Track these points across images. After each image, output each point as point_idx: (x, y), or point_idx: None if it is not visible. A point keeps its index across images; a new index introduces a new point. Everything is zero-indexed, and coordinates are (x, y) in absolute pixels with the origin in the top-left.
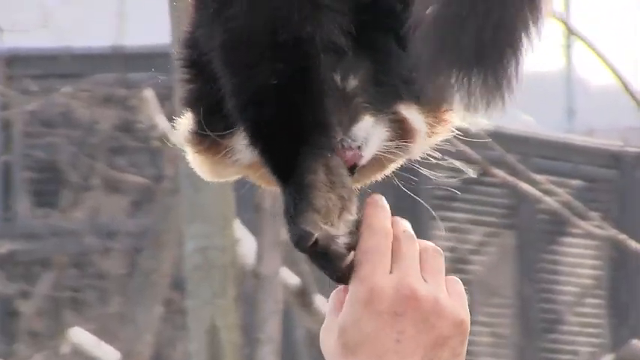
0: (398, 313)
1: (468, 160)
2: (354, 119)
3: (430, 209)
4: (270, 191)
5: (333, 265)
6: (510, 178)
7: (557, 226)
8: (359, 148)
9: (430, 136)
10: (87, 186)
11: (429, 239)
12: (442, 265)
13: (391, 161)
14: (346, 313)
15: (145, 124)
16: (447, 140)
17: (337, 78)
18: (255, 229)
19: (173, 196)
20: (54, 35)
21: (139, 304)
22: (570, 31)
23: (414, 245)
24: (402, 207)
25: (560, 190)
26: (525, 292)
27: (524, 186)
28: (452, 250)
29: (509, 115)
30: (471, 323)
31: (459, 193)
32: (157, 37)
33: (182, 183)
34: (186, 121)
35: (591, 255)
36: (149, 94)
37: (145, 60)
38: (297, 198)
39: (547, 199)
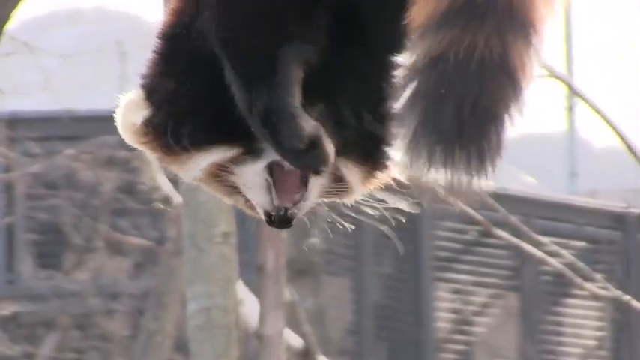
0: None
1: (471, 221)
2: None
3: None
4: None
5: (320, 157)
6: (514, 240)
7: (560, 287)
8: (305, 202)
9: (363, 187)
10: (90, 247)
11: (432, 301)
12: None
13: (350, 191)
14: None
15: (148, 186)
16: (449, 201)
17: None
18: (257, 290)
19: (176, 258)
20: (56, 98)
21: None
22: (573, 93)
23: None
24: (403, 269)
25: (563, 252)
26: (529, 353)
27: (528, 247)
28: (455, 311)
29: (512, 177)
30: None
31: (462, 254)
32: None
33: (185, 244)
34: (134, 101)
35: (595, 316)
36: (151, 156)
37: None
38: (284, 95)
39: (550, 260)
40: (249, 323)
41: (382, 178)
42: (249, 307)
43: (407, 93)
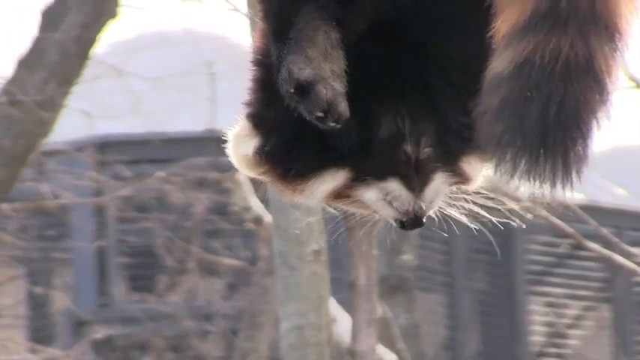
0: None
1: (563, 235)
2: (425, 183)
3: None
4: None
5: (314, 102)
6: (605, 252)
7: None
8: (429, 205)
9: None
10: (182, 269)
11: (526, 315)
12: None
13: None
14: None
15: (239, 206)
16: (540, 214)
17: (407, 148)
18: (349, 307)
19: (268, 277)
20: (145, 120)
21: None
22: None
23: None
24: (497, 284)
25: None
26: None
27: (619, 259)
28: (549, 324)
29: (602, 189)
30: None
31: (554, 268)
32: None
33: (276, 263)
34: (242, 132)
35: None
36: (242, 176)
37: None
38: (294, 46)
39: None
40: (342, 341)
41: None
42: (342, 324)
43: (494, 102)
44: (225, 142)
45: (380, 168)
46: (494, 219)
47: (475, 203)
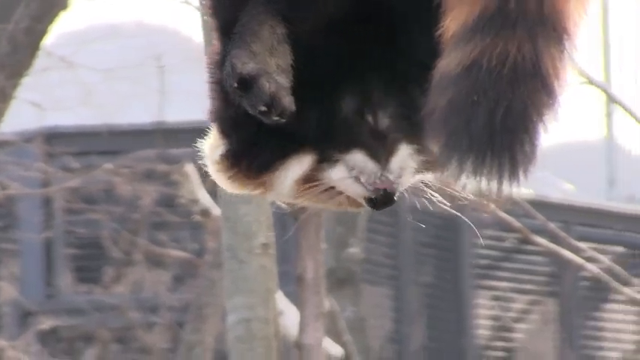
0: None
1: (510, 229)
2: (390, 153)
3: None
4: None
5: (257, 96)
6: (552, 246)
7: (599, 293)
8: (397, 179)
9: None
10: (129, 261)
11: (472, 308)
12: None
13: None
14: None
15: (187, 199)
16: (487, 208)
17: (369, 117)
18: (297, 300)
19: (215, 270)
20: (95, 112)
21: None
22: (611, 100)
23: None
24: (444, 277)
25: (602, 257)
26: (568, 359)
27: (567, 253)
28: (495, 318)
29: (550, 184)
30: None
31: (501, 262)
32: (198, 113)
33: (224, 256)
34: (213, 141)
35: (634, 320)
36: (190, 168)
37: (186, 135)
38: (238, 41)
39: (589, 266)
40: (289, 334)
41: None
42: (290, 317)
43: (441, 103)
44: (174, 134)
45: (344, 142)
46: (449, 207)
47: (433, 190)
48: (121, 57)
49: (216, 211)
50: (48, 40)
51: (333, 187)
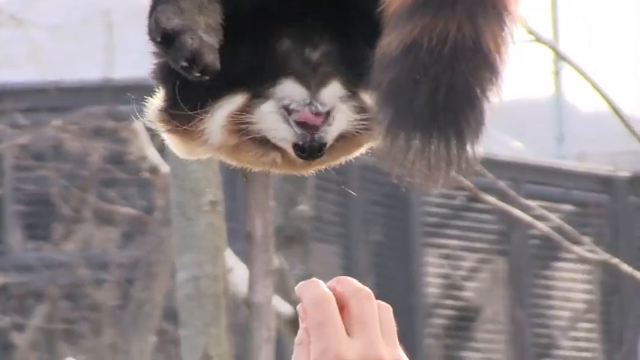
0: None
1: (459, 187)
2: (322, 83)
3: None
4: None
5: (178, 51)
6: (501, 204)
7: (549, 251)
8: (327, 114)
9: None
10: (78, 218)
11: (421, 267)
12: (394, 323)
13: (358, 144)
14: None
15: (135, 155)
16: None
17: (304, 49)
18: (246, 258)
19: (164, 227)
20: (43, 69)
21: (133, 334)
22: (559, 57)
23: (374, 306)
24: (393, 236)
25: (551, 216)
26: (518, 317)
27: (516, 212)
28: (445, 276)
29: (499, 142)
30: (466, 349)
31: (450, 220)
32: (146, 69)
33: (173, 213)
34: (157, 99)
35: (584, 279)
36: (139, 126)
37: (134, 92)
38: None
39: (539, 224)
40: (238, 291)
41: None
42: (239, 275)
43: (383, 82)
44: (122, 90)
45: (275, 74)
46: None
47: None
48: (69, 14)
49: (164, 168)
50: None
51: (264, 138)
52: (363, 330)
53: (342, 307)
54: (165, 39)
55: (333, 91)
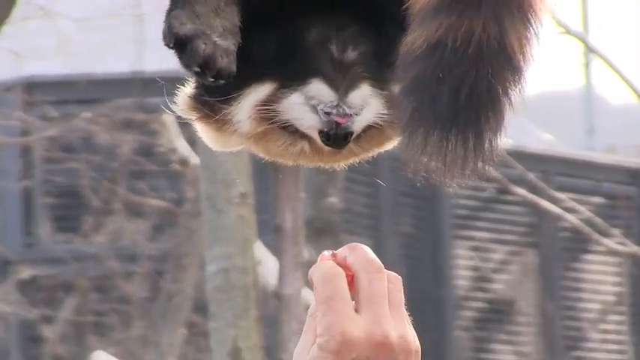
0: (370, 357)
1: (489, 179)
2: (351, 86)
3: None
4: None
5: (191, 57)
6: (531, 197)
7: (578, 244)
8: (353, 115)
9: None
10: (108, 210)
11: (451, 259)
12: (402, 295)
13: (387, 138)
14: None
15: (165, 147)
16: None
17: (333, 48)
18: (276, 250)
19: (194, 220)
20: (72, 61)
21: (162, 326)
22: (589, 50)
23: (383, 281)
24: (423, 227)
25: (581, 208)
26: (548, 310)
27: (546, 204)
28: (474, 269)
29: (529, 134)
30: (495, 341)
31: (480, 212)
32: (175, 62)
33: (203, 206)
34: (188, 88)
35: (613, 271)
36: (169, 118)
37: (164, 84)
38: (181, 1)
39: (568, 216)
40: (267, 283)
41: None
42: (268, 267)
43: (407, 78)
44: (152, 82)
45: (304, 69)
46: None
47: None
48: (98, 6)
49: (194, 160)
50: None
51: (292, 127)
52: (370, 306)
53: (352, 277)
54: (178, 44)
55: (362, 94)
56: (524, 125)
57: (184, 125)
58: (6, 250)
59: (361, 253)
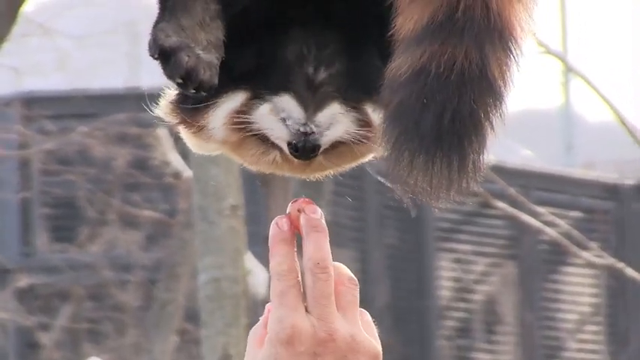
0: (317, 353)
1: (470, 193)
2: (320, 106)
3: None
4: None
5: (174, 69)
6: (512, 210)
7: (557, 256)
8: (321, 132)
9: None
10: (103, 221)
11: (434, 270)
12: (357, 296)
13: (357, 154)
14: (267, 353)
15: (159, 161)
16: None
17: (307, 66)
18: (265, 260)
19: (186, 230)
20: (70, 77)
21: (155, 334)
22: (568, 69)
23: (327, 281)
24: (407, 240)
25: (560, 221)
26: (527, 320)
27: (526, 217)
28: (457, 280)
29: (510, 150)
30: (476, 350)
31: (462, 225)
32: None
33: (195, 217)
34: (172, 92)
35: (590, 283)
36: (162, 132)
37: (159, 99)
38: (168, 15)
39: (548, 230)
40: (257, 292)
41: None
42: (258, 277)
43: (392, 103)
44: (146, 98)
45: (276, 83)
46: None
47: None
48: (95, 24)
49: (187, 172)
50: (27, 8)
51: (265, 136)
52: (315, 305)
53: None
54: (162, 56)
55: (330, 113)
56: (505, 142)
57: (177, 139)
58: (4, 259)
59: (316, 253)
